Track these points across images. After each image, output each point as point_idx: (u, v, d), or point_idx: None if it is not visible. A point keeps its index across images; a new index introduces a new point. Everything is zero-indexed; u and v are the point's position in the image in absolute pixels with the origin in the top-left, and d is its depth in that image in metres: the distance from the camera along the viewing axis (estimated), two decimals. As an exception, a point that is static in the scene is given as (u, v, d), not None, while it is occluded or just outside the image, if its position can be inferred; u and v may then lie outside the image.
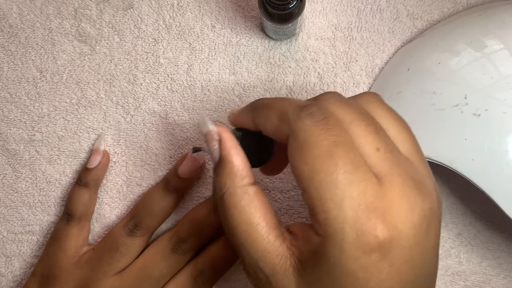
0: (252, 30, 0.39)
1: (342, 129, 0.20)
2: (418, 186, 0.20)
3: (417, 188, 0.20)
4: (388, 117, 0.22)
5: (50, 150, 0.39)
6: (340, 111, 0.21)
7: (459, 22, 0.36)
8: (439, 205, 0.21)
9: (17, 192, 0.39)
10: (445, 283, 0.38)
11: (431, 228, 0.20)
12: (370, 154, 0.20)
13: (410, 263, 0.20)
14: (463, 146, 0.31)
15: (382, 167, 0.20)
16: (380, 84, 0.38)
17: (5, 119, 0.39)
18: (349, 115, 0.21)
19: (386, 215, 0.19)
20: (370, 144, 0.20)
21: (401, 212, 0.19)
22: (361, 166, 0.19)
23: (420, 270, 0.20)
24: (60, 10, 0.39)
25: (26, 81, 0.39)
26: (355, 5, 0.38)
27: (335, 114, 0.21)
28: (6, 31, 0.39)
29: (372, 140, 0.20)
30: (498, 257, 0.38)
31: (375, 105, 0.22)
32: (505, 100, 0.30)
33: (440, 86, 0.32)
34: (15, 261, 0.39)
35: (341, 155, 0.19)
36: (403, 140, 0.21)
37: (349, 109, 0.21)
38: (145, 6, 0.39)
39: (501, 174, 0.30)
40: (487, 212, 0.38)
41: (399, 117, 0.22)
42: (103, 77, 0.39)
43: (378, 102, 0.22)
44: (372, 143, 0.20)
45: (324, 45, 0.38)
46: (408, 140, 0.22)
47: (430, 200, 0.20)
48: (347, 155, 0.19)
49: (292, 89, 0.38)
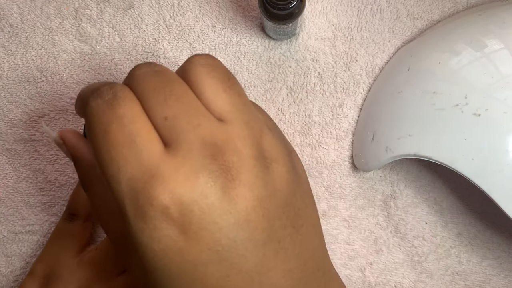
0: (253, 30, 0.39)
1: (127, 104, 0.20)
2: (210, 149, 0.19)
3: (207, 150, 0.19)
4: (205, 79, 0.21)
5: (50, 150, 0.39)
6: (137, 84, 0.21)
7: (459, 22, 0.36)
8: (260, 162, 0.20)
9: (18, 192, 0.39)
10: (445, 283, 0.38)
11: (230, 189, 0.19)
12: (159, 124, 0.20)
13: (210, 229, 0.19)
14: (463, 146, 0.31)
15: (169, 134, 0.20)
16: (380, 84, 0.38)
17: (6, 118, 0.39)
18: (144, 87, 0.21)
19: (163, 181, 0.18)
20: (159, 114, 0.20)
21: (179, 176, 0.19)
22: (139, 138, 0.19)
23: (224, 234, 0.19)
24: (61, 10, 0.39)
25: (26, 80, 0.39)
26: (355, 5, 0.38)
27: (131, 87, 0.21)
28: (6, 31, 0.39)
29: (160, 110, 0.20)
30: (498, 257, 0.38)
31: (197, 68, 0.21)
32: (505, 100, 0.30)
33: (440, 86, 0.32)
34: (15, 261, 0.39)
35: (116, 130, 0.19)
36: (218, 101, 0.21)
37: (148, 81, 0.21)
38: (145, 6, 0.39)
39: (501, 174, 0.30)
40: (487, 212, 0.38)
41: (221, 78, 0.21)
42: (103, 77, 0.39)
43: (201, 65, 0.21)
44: (160, 112, 0.20)
45: (324, 45, 0.38)
46: (224, 101, 0.21)
47: (225, 159, 0.19)
48: (123, 129, 0.19)
49: (292, 89, 0.39)
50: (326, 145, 0.39)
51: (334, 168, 0.39)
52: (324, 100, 0.39)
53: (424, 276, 0.38)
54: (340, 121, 0.38)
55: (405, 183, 0.38)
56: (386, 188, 0.38)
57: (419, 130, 0.33)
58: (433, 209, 0.38)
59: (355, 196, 0.39)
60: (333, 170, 0.39)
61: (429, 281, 0.38)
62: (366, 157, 0.36)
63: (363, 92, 0.39)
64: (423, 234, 0.38)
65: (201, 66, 0.21)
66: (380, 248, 0.38)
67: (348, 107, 0.39)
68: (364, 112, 0.38)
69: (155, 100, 0.20)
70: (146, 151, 0.19)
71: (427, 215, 0.38)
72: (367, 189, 0.39)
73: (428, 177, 0.39)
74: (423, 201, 0.38)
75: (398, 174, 0.38)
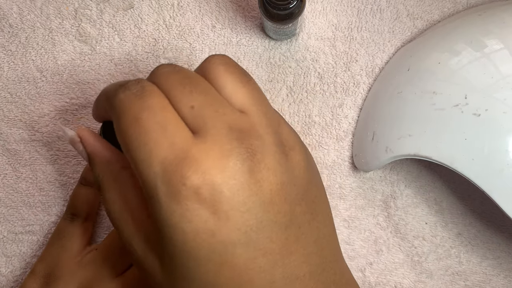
0: (253, 30, 0.39)
1: (156, 96, 0.21)
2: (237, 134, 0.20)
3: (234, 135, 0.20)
4: (224, 75, 0.22)
5: (50, 150, 0.39)
6: (162, 80, 0.22)
7: (459, 22, 0.36)
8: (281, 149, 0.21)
9: (18, 192, 0.39)
10: (445, 283, 0.38)
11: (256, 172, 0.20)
12: (185, 113, 0.21)
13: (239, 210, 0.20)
14: (463, 146, 0.31)
15: (196, 122, 0.21)
16: (380, 84, 0.38)
17: (5, 119, 0.39)
18: (170, 82, 0.22)
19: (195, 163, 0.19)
20: (185, 104, 0.21)
21: (210, 158, 0.19)
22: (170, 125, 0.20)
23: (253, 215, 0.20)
24: (61, 10, 0.39)
25: (26, 81, 0.39)
26: (355, 5, 0.38)
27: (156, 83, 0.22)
28: (6, 31, 0.39)
29: (187, 101, 0.21)
30: (498, 257, 0.38)
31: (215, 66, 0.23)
32: (505, 100, 0.30)
33: (440, 86, 0.32)
34: (15, 261, 0.39)
35: (148, 117, 0.20)
36: (238, 95, 0.22)
37: (173, 77, 0.22)
38: (145, 6, 0.39)
39: (501, 174, 0.30)
40: (487, 212, 0.38)
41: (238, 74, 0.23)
42: (103, 77, 0.39)
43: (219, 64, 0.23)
44: (187, 103, 0.21)
45: (324, 45, 0.38)
46: (243, 94, 0.22)
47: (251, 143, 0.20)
48: (154, 117, 0.20)
49: (292, 89, 0.38)
50: (326, 145, 0.39)
51: (334, 168, 0.39)
52: (324, 100, 0.39)
53: (424, 276, 0.38)
54: (340, 121, 0.38)
55: (405, 183, 0.38)
56: (386, 188, 0.38)
57: (419, 130, 0.33)
58: (433, 209, 0.38)
59: (355, 196, 0.39)
60: (333, 170, 0.39)
61: (429, 281, 0.38)
62: (366, 157, 0.36)
63: (363, 92, 0.39)
64: (423, 234, 0.38)
65: (219, 65, 0.22)
66: (380, 248, 0.38)
67: (348, 107, 0.39)
68: (364, 112, 0.38)
69: (181, 92, 0.21)
70: (178, 136, 0.20)
71: (427, 215, 0.38)
72: (367, 189, 0.39)
73: (428, 177, 0.39)
74: (423, 201, 0.38)
75: (398, 174, 0.38)
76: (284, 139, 0.22)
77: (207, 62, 0.23)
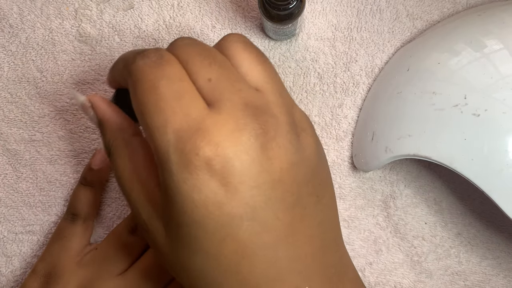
0: (252, 31, 0.39)
1: (174, 65, 0.21)
2: (252, 110, 0.20)
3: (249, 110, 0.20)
4: (241, 53, 0.22)
5: (51, 150, 0.39)
6: (181, 51, 0.22)
7: (459, 22, 0.36)
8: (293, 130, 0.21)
9: (18, 192, 0.39)
10: (445, 283, 0.38)
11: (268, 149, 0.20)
12: (202, 85, 0.21)
13: (249, 184, 0.20)
14: (463, 146, 0.31)
15: (212, 95, 0.21)
16: (380, 84, 0.38)
17: (6, 119, 0.39)
18: (189, 53, 0.22)
19: (208, 134, 0.19)
20: (203, 76, 0.21)
21: (224, 131, 0.20)
22: (187, 95, 0.20)
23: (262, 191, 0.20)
24: (61, 11, 0.39)
25: (26, 81, 0.39)
26: (355, 5, 0.38)
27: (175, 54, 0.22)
28: (6, 31, 0.39)
29: (205, 73, 0.21)
30: (497, 257, 0.38)
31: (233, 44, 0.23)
32: (504, 100, 0.30)
33: (440, 86, 0.33)
34: (15, 261, 0.39)
35: (165, 86, 0.20)
36: (254, 72, 0.22)
37: (192, 49, 0.22)
38: (145, 7, 0.39)
39: (501, 174, 0.30)
40: (487, 212, 0.38)
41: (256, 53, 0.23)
42: (103, 77, 0.39)
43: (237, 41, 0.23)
44: (205, 75, 0.21)
45: (324, 45, 0.38)
46: (260, 72, 0.22)
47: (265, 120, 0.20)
48: (172, 86, 0.20)
49: (292, 89, 0.39)
50: (326, 145, 0.39)
51: (333, 168, 0.39)
52: (323, 100, 0.39)
53: (423, 276, 0.38)
54: (339, 121, 0.39)
55: (404, 183, 0.38)
56: (385, 188, 0.38)
57: (418, 130, 0.33)
58: (432, 209, 0.39)
59: (354, 196, 0.39)
60: (333, 170, 0.39)
61: (428, 281, 0.38)
62: (365, 157, 0.36)
63: (363, 93, 0.39)
64: (422, 234, 0.38)
65: (237, 42, 0.23)
66: (380, 248, 0.38)
67: (347, 107, 0.39)
68: (364, 112, 0.38)
69: (200, 63, 0.21)
70: (193, 106, 0.20)
71: (426, 215, 0.39)
72: (367, 189, 0.39)
73: (428, 177, 0.39)
74: (422, 201, 0.39)
75: (398, 174, 0.39)
76: (297, 119, 0.22)
77: (225, 40, 0.23)
